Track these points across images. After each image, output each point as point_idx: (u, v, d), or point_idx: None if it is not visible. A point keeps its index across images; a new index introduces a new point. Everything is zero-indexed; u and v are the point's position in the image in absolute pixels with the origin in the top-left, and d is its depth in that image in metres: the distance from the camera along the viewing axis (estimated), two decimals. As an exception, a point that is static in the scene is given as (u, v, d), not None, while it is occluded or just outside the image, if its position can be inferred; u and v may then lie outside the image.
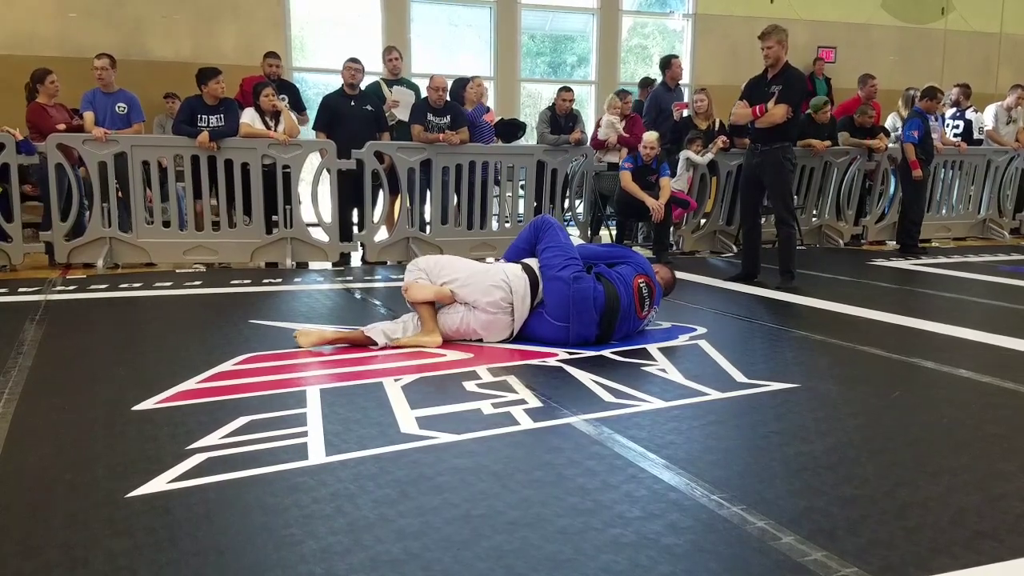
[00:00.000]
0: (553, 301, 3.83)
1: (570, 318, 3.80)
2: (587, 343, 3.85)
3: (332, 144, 6.71)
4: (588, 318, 3.81)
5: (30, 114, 6.60)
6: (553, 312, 3.83)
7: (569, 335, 3.83)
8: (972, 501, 2.16)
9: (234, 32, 9.38)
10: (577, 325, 3.81)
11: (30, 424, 2.74)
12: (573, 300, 3.78)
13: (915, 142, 7.73)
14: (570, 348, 3.79)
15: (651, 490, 2.20)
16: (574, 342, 3.83)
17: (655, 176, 7.05)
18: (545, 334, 3.86)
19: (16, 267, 6.32)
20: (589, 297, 3.79)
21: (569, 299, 3.78)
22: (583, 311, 3.79)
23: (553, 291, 3.83)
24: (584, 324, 3.81)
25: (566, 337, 3.83)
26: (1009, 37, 12.89)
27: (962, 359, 3.72)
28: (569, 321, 3.81)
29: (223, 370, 3.41)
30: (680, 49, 11.54)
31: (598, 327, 3.85)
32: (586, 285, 3.81)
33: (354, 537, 1.91)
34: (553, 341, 3.84)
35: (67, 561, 1.80)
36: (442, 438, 2.59)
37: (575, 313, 3.79)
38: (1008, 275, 6.58)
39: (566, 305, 3.79)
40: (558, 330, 3.83)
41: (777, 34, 5.65)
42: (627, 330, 4.00)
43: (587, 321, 3.81)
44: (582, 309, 3.79)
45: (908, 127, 7.86)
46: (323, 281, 6.02)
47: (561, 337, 3.83)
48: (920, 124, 7.81)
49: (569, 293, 3.78)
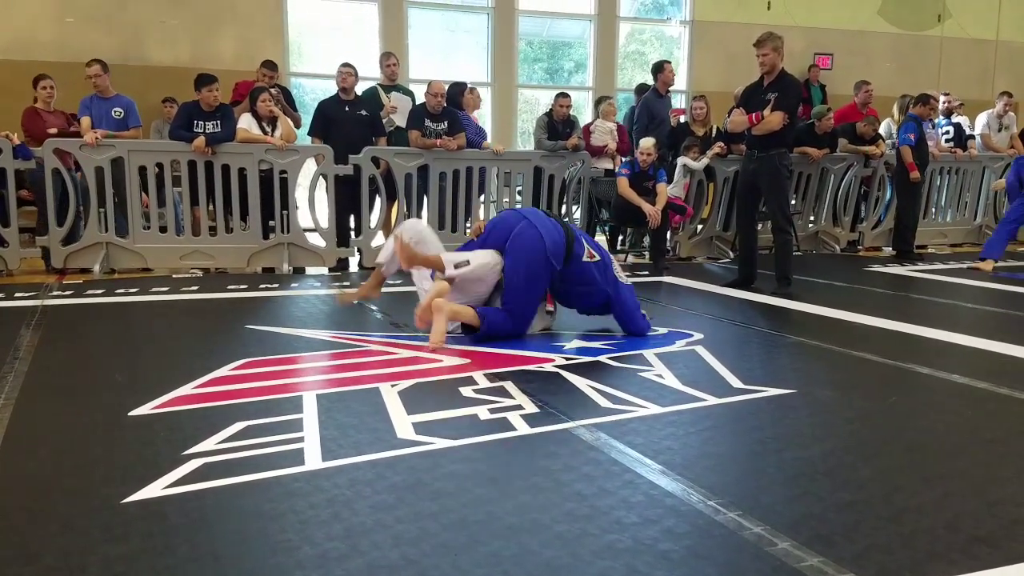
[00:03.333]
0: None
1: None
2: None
3: (329, 149, 6.72)
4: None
5: (24, 118, 6.60)
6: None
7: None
8: (968, 506, 2.16)
9: (232, 38, 9.39)
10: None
11: (26, 429, 2.74)
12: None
13: (911, 144, 7.79)
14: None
15: (648, 496, 2.21)
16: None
17: (652, 182, 7.06)
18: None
19: (12, 272, 6.31)
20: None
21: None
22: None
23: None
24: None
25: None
26: (1006, 44, 12.94)
27: (957, 365, 3.73)
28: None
29: (220, 375, 3.41)
30: (677, 56, 11.57)
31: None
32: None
33: (351, 543, 1.91)
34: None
35: (64, 567, 1.80)
36: (439, 444, 2.59)
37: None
38: (1003, 281, 6.60)
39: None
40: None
41: (773, 41, 5.67)
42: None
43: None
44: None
45: (903, 130, 7.92)
46: (320, 286, 6.02)
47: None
48: (915, 127, 7.87)
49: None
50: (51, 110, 6.71)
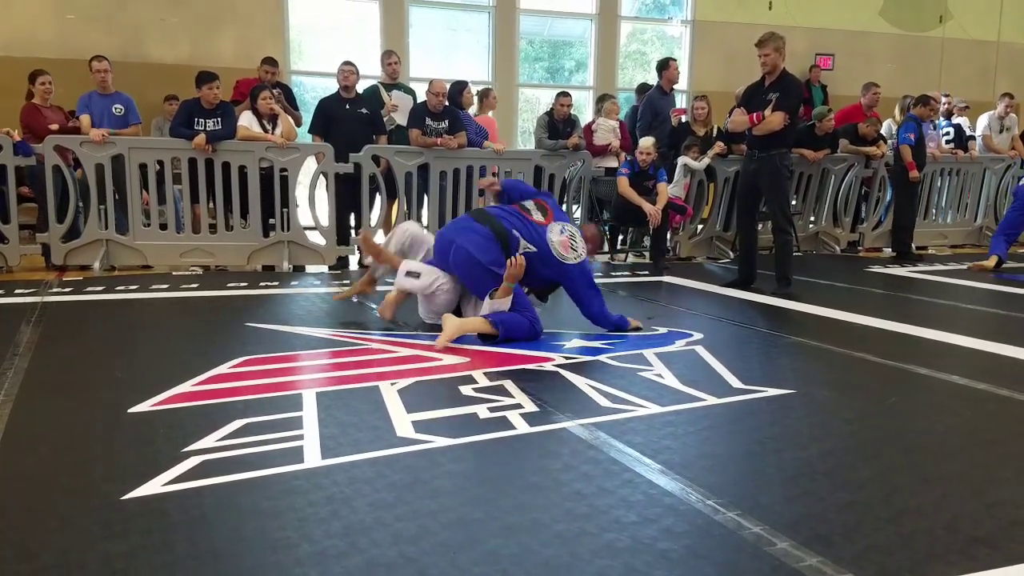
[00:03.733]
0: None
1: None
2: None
3: (329, 148, 6.72)
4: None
5: (24, 115, 6.60)
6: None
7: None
8: (967, 507, 2.16)
9: (233, 36, 9.39)
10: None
11: (26, 426, 2.74)
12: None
13: (910, 144, 7.84)
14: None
15: (647, 495, 2.21)
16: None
17: (652, 182, 7.07)
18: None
19: (12, 269, 6.31)
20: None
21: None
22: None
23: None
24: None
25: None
26: (1007, 45, 12.93)
27: (957, 366, 3.73)
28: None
29: (219, 373, 3.41)
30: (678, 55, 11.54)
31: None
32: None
33: (350, 541, 1.91)
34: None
35: (63, 564, 1.80)
36: (438, 442, 2.59)
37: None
38: (1003, 283, 6.60)
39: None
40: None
41: (774, 41, 5.67)
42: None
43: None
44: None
45: (903, 130, 7.96)
46: (320, 284, 6.02)
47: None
48: (915, 127, 7.91)
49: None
50: (49, 106, 6.71)
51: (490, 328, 4.00)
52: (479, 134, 7.40)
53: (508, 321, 4.03)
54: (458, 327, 3.95)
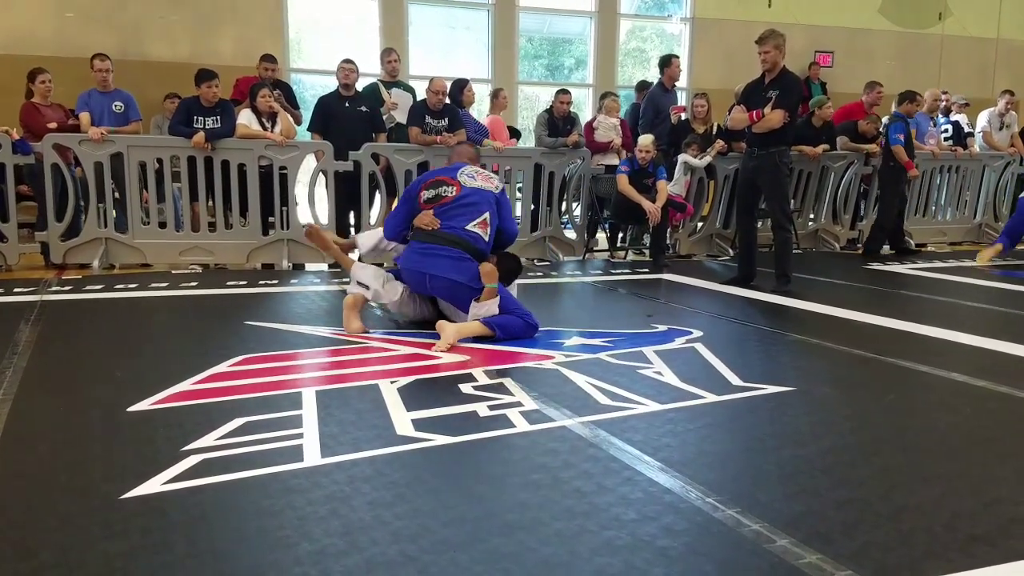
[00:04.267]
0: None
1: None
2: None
3: (329, 146, 6.71)
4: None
5: (23, 114, 6.59)
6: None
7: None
8: (966, 505, 2.16)
9: (232, 34, 9.38)
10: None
11: (25, 425, 2.74)
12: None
13: (901, 143, 7.78)
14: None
15: (646, 493, 2.21)
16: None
17: (652, 179, 7.07)
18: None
19: (11, 267, 6.31)
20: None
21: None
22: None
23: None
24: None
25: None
26: (1006, 42, 12.93)
27: (956, 363, 3.73)
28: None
29: (219, 371, 3.41)
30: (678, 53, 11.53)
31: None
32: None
33: (350, 539, 1.91)
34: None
35: (62, 563, 1.80)
36: (438, 440, 2.59)
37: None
38: (1003, 280, 6.60)
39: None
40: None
41: (774, 39, 5.66)
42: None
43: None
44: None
45: (892, 130, 7.86)
46: (319, 283, 6.02)
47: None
48: (903, 127, 7.86)
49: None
50: (48, 104, 6.70)
51: (486, 331, 4.00)
52: (478, 132, 7.39)
53: (503, 323, 4.04)
54: (455, 332, 3.94)
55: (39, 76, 6.63)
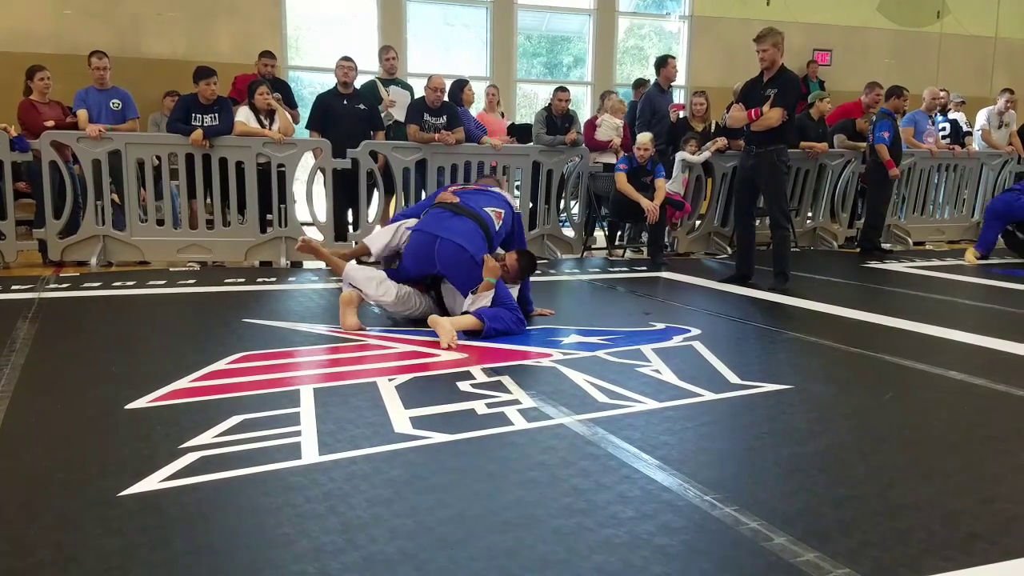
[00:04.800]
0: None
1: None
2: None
3: (327, 143, 6.70)
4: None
5: (20, 111, 6.58)
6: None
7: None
8: (964, 503, 2.17)
9: (230, 31, 9.37)
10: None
11: (22, 422, 2.73)
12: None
13: (886, 143, 7.78)
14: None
15: (644, 491, 2.21)
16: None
17: (650, 177, 7.06)
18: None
19: (9, 265, 6.30)
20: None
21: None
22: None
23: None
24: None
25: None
26: (1004, 41, 12.93)
27: (954, 361, 3.74)
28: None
29: (216, 369, 3.40)
30: (676, 51, 11.54)
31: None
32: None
33: (348, 537, 1.91)
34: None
35: (59, 560, 1.80)
36: (436, 438, 2.59)
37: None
38: (1001, 278, 6.60)
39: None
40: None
41: (773, 37, 5.66)
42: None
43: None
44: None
45: (878, 128, 7.86)
46: (317, 280, 6.01)
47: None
48: (890, 125, 7.83)
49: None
50: (47, 102, 6.69)
51: (478, 323, 4.03)
52: (478, 128, 7.39)
53: (492, 314, 4.07)
54: (452, 325, 3.95)
55: (37, 73, 6.62)
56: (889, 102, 8.02)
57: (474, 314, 4.05)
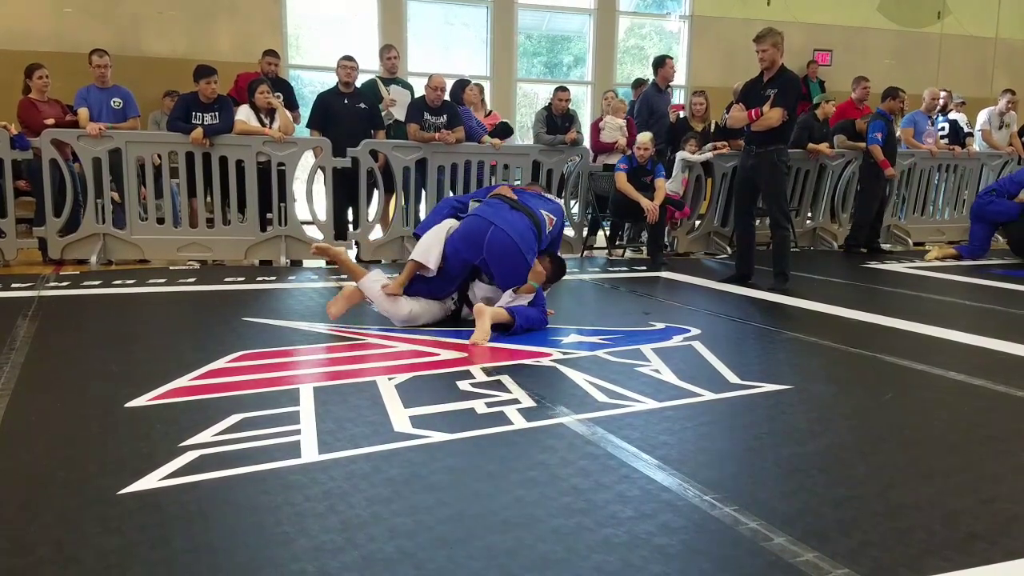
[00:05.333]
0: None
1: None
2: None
3: (327, 142, 6.70)
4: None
5: (20, 109, 6.58)
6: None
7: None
8: (964, 503, 2.16)
9: (230, 29, 9.37)
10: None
11: (22, 421, 2.73)
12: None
13: (880, 144, 7.79)
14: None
15: (644, 490, 2.21)
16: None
17: (650, 177, 7.06)
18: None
19: (9, 263, 6.30)
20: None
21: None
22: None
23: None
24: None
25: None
26: (1005, 42, 12.93)
27: (954, 362, 3.74)
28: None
29: (216, 367, 3.40)
30: (676, 51, 11.55)
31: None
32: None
33: (347, 536, 1.91)
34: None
35: (58, 559, 1.79)
36: (435, 437, 2.59)
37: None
38: (1001, 279, 6.60)
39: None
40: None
41: (772, 37, 5.66)
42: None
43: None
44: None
45: (871, 129, 7.87)
46: (317, 279, 6.01)
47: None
48: (883, 126, 7.85)
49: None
50: (46, 100, 6.69)
51: (509, 318, 4.09)
52: (480, 127, 7.39)
53: (525, 314, 4.17)
54: (491, 318, 3.99)
55: (36, 72, 6.62)
56: (884, 103, 8.05)
57: (508, 309, 4.12)
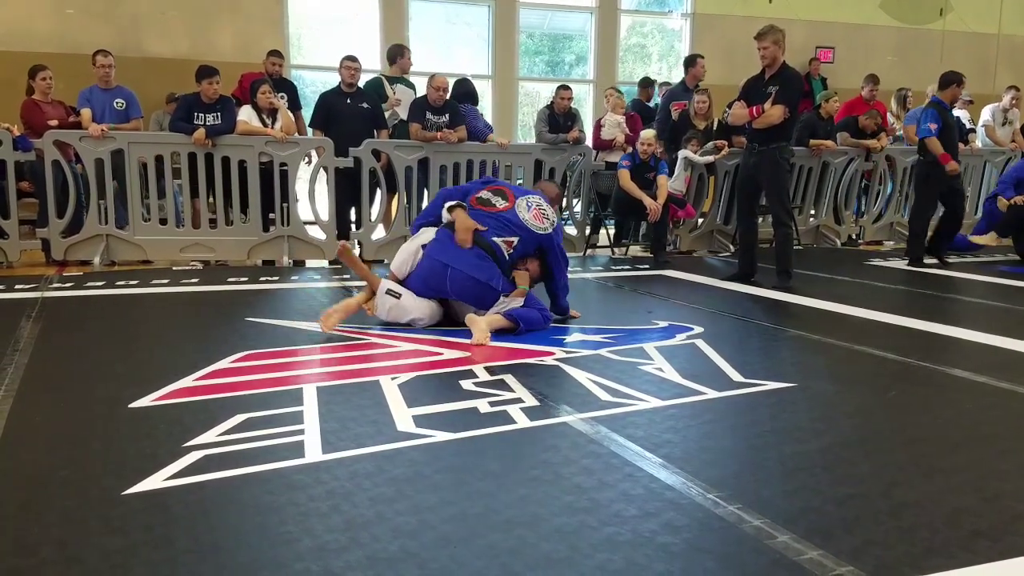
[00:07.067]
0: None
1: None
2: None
3: (329, 142, 6.71)
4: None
5: (23, 110, 6.59)
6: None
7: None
8: (968, 501, 2.16)
9: (232, 30, 9.37)
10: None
11: (26, 421, 2.74)
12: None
13: (932, 135, 6.74)
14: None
15: (647, 489, 2.21)
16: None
17: (653, 174, 7.06)
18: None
19: (12, 264, 6.31)
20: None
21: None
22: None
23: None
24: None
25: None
26: (1007, 38, 12.90)
27: (958, 359, 3.73)
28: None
29: (220, 368, 3.41)
30: (678, 49, 11.54)
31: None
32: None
33: (351, 535, 1.91)
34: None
35: (62, 559, 1.80)
36: (439, 436, 2.59)
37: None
38: (1006, 276, 6.59)
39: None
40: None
41: (773, 34, 5.65)
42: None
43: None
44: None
45: (924, 119, 6.86)
46: (320, 279, 6.02)
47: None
48: (937, 115, 6.80)
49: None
50: (49, 101, 6.70)
51: (510, 323, 4.09)
52: (486, 126, 7.39)
53: (524, 316, 4.14)
54: (487, 326, 3.98)
55: (39, 73, 6.63)
56: (944, 91, 6.91)
57: (505, 315, 4.10)
